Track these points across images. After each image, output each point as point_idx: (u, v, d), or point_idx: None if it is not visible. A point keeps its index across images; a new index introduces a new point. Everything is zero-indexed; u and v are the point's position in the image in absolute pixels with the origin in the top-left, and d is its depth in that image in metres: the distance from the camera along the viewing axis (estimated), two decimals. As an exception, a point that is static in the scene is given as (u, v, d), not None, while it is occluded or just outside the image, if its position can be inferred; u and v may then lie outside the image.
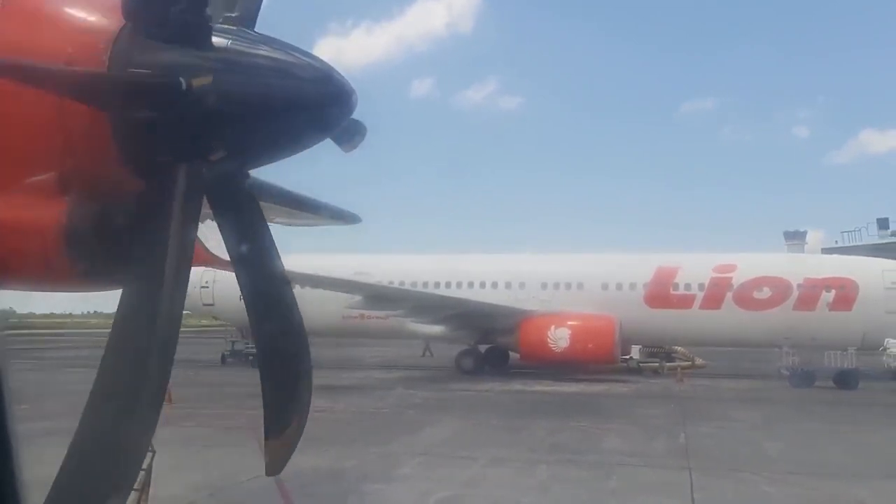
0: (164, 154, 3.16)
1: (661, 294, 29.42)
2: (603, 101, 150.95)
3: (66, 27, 3.14)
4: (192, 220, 3.18)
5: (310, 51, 3.35)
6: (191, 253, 3.18)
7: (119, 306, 3.13)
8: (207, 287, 32.57)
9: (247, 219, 3.61)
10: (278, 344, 3.81)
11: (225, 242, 3.61)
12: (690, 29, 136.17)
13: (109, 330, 3.11)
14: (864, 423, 18.21)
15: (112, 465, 2.80)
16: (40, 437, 5.06)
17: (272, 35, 3.41)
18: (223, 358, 35.29)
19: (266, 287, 3.73)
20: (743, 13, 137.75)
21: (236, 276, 3.69)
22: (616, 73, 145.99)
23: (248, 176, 3.62)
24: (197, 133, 3.14)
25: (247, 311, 3.75)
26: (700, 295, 29.03)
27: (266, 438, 3.71)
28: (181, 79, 2.99)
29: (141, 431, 2.90)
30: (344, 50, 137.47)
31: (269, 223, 5.56)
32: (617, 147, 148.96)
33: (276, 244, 3.73)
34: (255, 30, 3.39)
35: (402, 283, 31.32)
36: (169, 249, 3.02)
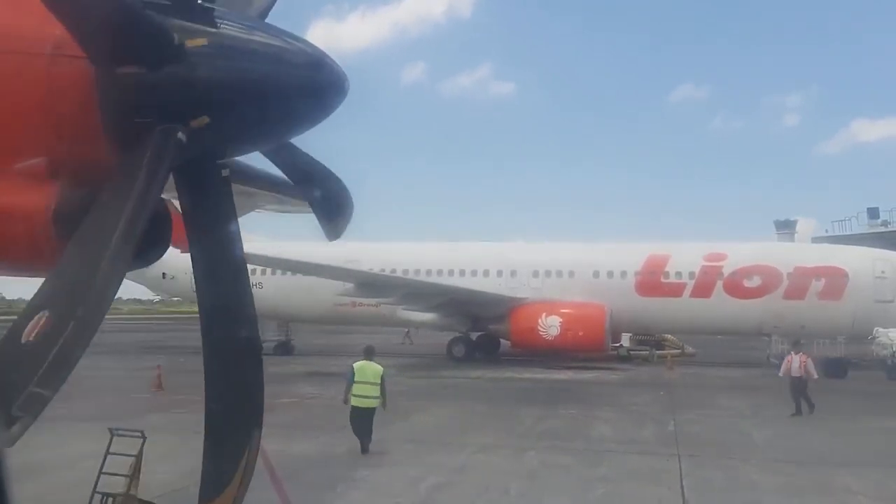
0: (147, 113, 3.06)
1: (652, 282, 29.48)
2: (595, 88, 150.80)
3: None
4: (156, 188, 3.02)
5: (303, 35, 3.34)
6: (141, 222, 2.93)
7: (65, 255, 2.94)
8: (199, 273, 32.46)
9: (214, 206, 3.42)
10: (229, 366, 3.50)
11: (187, 230, 3.43)
12: (682, 17, 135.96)
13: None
14: (851, 411, 18.33)
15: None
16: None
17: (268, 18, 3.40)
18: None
19: (224, 296, 3.54)
20: (733, 1, 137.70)
21: (194, 277, 3.55)
22: (608, 60, 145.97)
23: (224, 163, 3.47)
24: (183, 94, 3.07)
25: (199, 313, 3.56)
26: (690, 283, 29.11)
27: (200, 499, 3.40)
28: (175, 34, 2.99)
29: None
30: (338, 33, 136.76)
31: (260, 210, 5.54)
32: (608, 135, 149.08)
33: (270, 230, 3.61)
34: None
35: (393, 271, 31.25)
36: (123, 215, 2.86)
